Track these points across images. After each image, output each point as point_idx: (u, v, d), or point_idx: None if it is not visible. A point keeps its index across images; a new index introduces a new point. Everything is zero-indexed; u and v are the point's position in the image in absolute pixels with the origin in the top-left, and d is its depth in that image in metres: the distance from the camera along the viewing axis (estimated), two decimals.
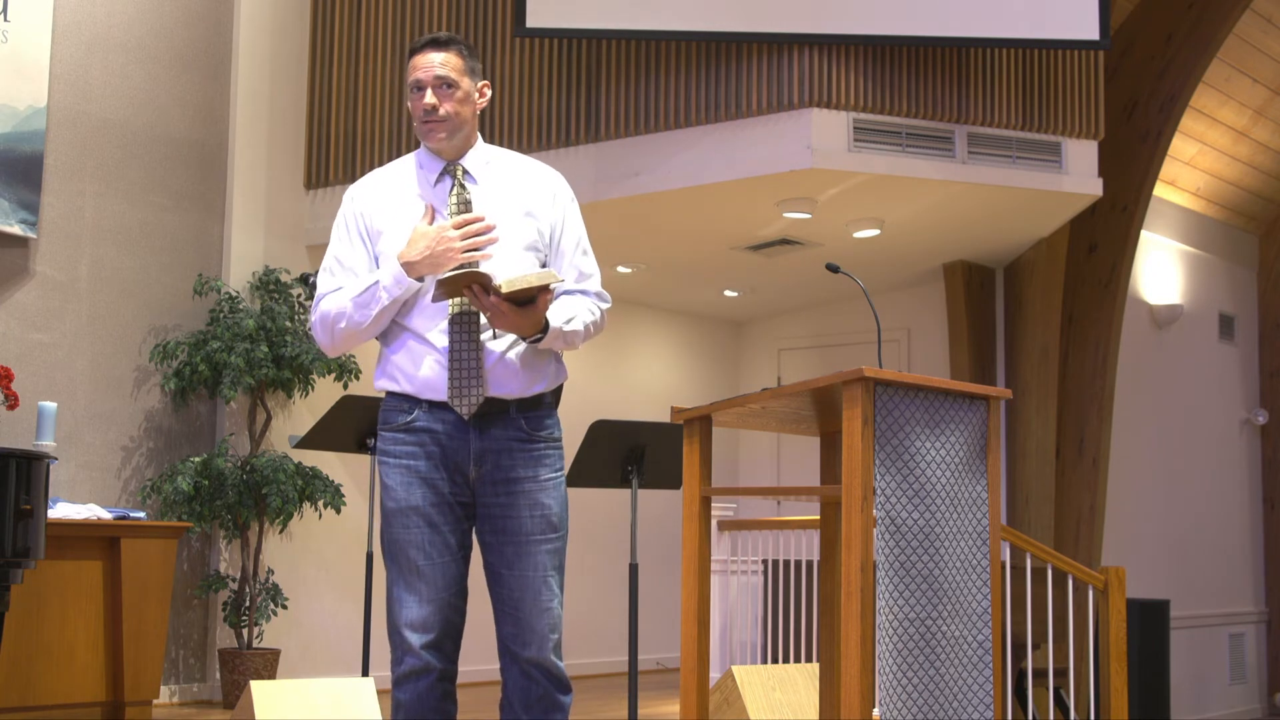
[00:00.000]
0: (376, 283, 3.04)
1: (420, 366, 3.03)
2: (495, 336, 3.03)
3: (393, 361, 3.08)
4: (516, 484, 3.04)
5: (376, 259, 3.12)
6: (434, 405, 3.03)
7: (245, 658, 6.49)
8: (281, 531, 6.85)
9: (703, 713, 3.57)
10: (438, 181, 3.14)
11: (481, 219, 3.05)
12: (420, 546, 2.99)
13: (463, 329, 3.03)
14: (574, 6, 6.53)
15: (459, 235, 3.02)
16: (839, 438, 3.39)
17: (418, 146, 3.25)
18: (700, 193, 6.73)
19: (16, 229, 6.25)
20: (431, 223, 3.06)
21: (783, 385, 3.43)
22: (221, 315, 6.80)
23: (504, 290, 2.91)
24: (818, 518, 4.87)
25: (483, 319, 3.02)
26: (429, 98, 3.09)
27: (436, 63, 3.10)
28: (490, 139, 6.98)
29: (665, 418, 4.74)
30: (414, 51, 3.15)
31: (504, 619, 3.04)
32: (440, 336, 3.03)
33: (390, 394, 3.09)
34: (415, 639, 2.97)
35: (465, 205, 3.11)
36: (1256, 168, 9.86)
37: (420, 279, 3.02)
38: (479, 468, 3.03)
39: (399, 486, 3.02)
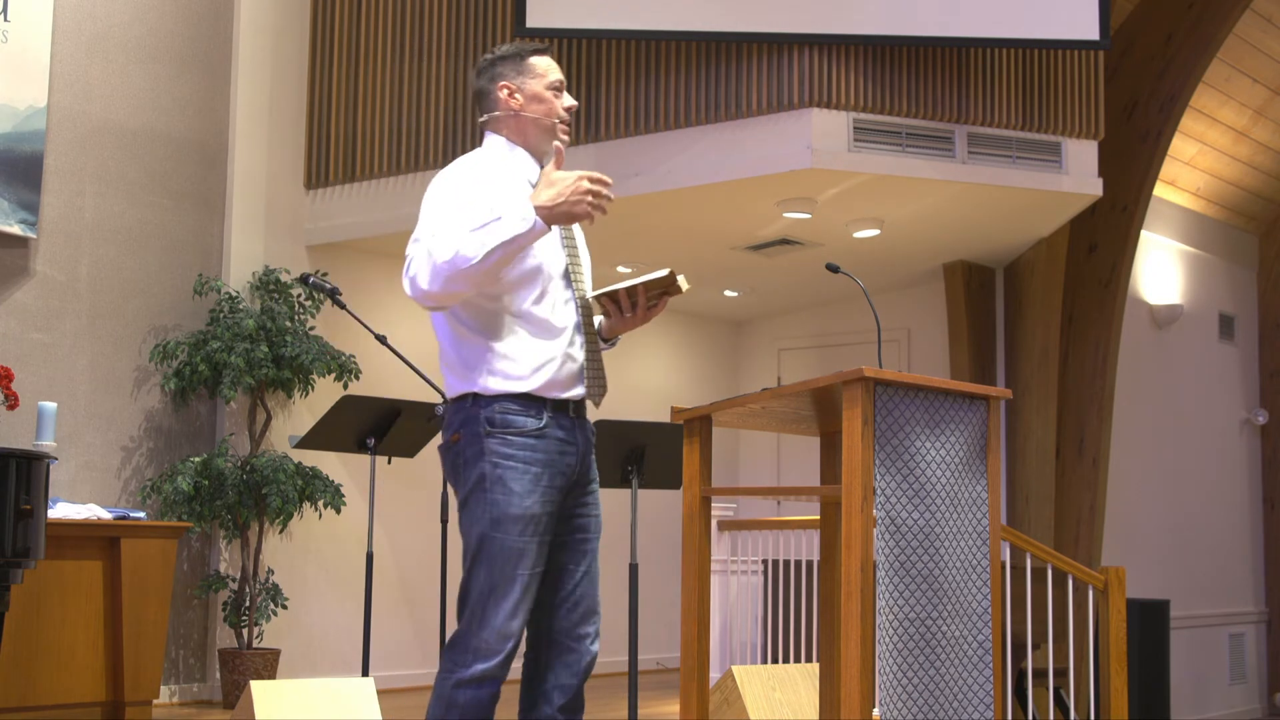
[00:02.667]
0: (499, 218, 2.86)
1: (553, 362, 3.00)
2: (607, 341, 3.21)
3: (514, 359, 2.97)
4: (592, 483, 3.14)
5: None
6: (557, 406, 3.00)
7: (245, 658, 6.49)
8: (281, 531, 6.85)
9: (703, 713, 3.57)
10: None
11: (609, 182, 2.95)
12: (533, 556, 2.96)
13: (589, 326, 3.10)
14: (574, 6, 6.53)
15: (591, 188, 2.90)
16: (839, 438, 3.39)
17: (417, 147, 3.25)
18: (700, 193, 6.73)
19: (16, 229, 6.25)
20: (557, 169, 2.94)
21: (783, 385, 3.43)
22: (221, 315, 6.80)
23: (684, 289, 3.06)
24: (818, 518, 4.87)
25: (597, 320, 3.15)
26: (571, 100, 3.18)
27: None
28: None
29: (665, 418, 4.74)
30: (539, 52, 3.19)
31: (561, 614, 3.05)
32: (569, 331, 3.05)
33: (509, 395, 2.96)
34: (505, 646, 2.92)
35: None
36: (1256, 168, 9.86)
37: (548, 225, 2.89)
38: (580, 470, 3.07)
39: (526, 494, 2.94)
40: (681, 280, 3.07)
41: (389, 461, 5.73)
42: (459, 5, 7.14)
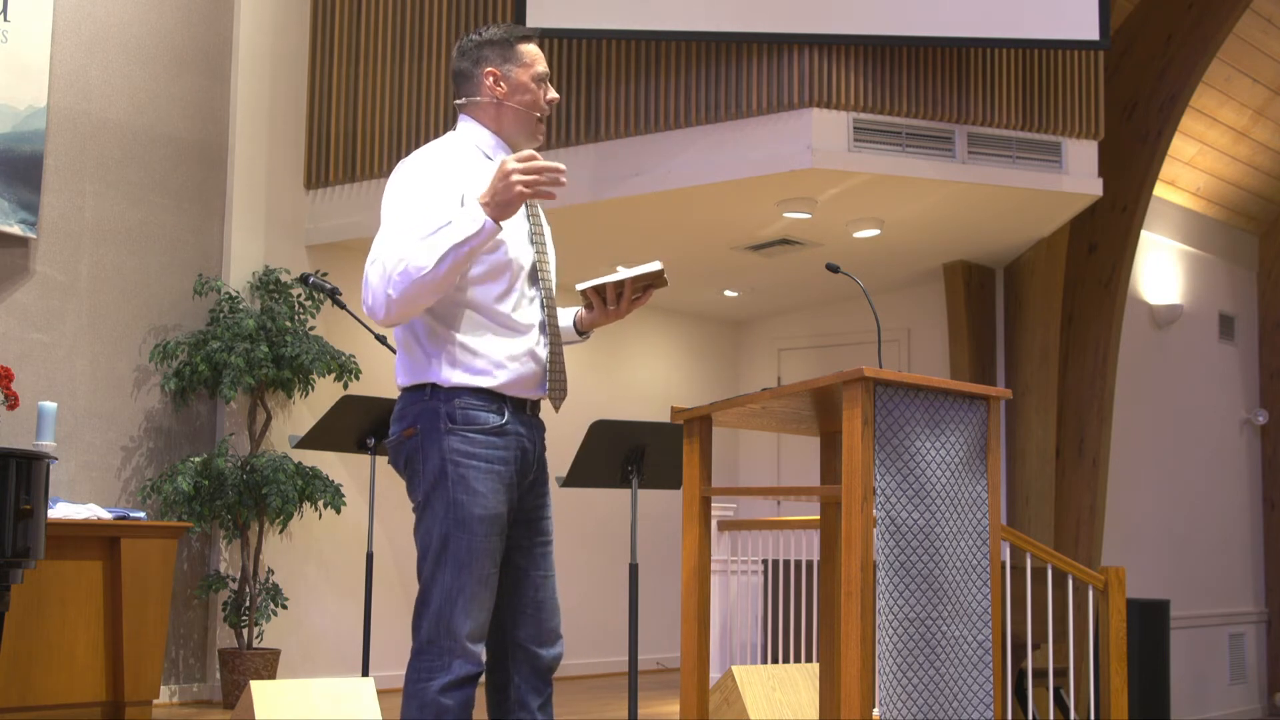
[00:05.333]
0: (449, 222, 2.77)
1: (516, 361, 2.94)
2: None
3: (478, 353, 2.91)
4: (545, 484, 3.08)
5: None
6: (516, 405, 2.95)
7: (245, 658, 6.49)
8: (281, 531, 6.85)
9: (703, 713, 3.56)
10: None
11: (539, 159, 2.81)
12: (494, 556, 2.91)
13: (552, 324, 3.01)
14: (574, 6, 6.53)
15: (516, 167, 2.78)
16: (839, 438, 3.39)
17: (416, 147, 3.23)
18: (700, 193, 6.73)
19: (16, 229, 6.25)
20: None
21: (783, 385, 3.43)
22: (221, 315, 6.80)
23: (668, 283, 3.03)
24: (818, 518, 4.87)
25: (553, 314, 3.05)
26: (554, 93, 3.07)
27: None
28: None
29: (665, 418, 4.74)
30: (527, 39, 3.05)
31: (524, 620, 3.01)
32: (534, 331, 2.98)
33: (470, 389, 2.90)
34: (476, 647, 2.88)
35: (534, 207, 3.08)
36: (1256, 168, 9.86)
37: (497, 223, 2.78)
38: (537, 469, 3.03)
39: (490, 493, 2.89)
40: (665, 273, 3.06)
41: (389, 461, 5.72)
42: (459, 5, 7.13)
